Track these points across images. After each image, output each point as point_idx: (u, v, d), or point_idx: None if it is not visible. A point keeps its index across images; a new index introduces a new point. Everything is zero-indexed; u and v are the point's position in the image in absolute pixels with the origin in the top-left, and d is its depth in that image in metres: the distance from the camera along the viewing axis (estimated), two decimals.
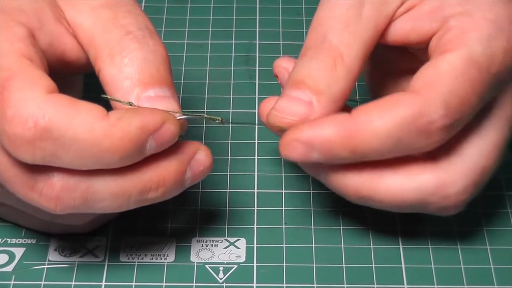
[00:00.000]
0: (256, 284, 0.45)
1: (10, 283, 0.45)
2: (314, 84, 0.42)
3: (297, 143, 0.41)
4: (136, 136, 0.39)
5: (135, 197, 0.40)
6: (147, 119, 0.39)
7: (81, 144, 0.38)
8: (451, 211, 0.43)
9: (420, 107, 0.40)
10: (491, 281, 0.45)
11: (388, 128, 0.40)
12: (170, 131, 0.40)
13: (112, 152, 0.39)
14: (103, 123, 0.38)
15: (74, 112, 0.38)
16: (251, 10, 0.61)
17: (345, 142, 0.41)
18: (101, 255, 0.46)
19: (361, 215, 0.48)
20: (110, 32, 0.42)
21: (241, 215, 0.48)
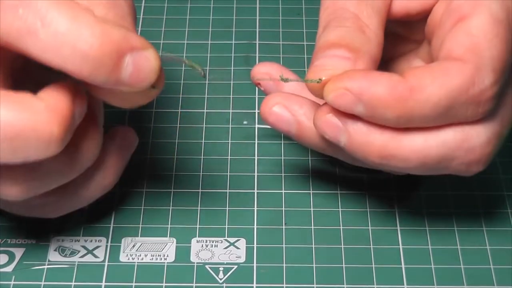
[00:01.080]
0: (256, 284, 0.45)
1: (10, 283, 0.45)
2: (350, 43, 0.41)
3: (347, 92, 0.40)
4: (118, 42, 0.37)
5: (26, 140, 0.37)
6: (131, 35, 0.38)
7: (60, 24, 0.37)
8: (476, 167, 0.42)
9: (471, 75, 0.40)
10: (491, 281, 0.45)
11: (441, 96, 0.40)
12: (148, 61, 0.38)
13: (91, 50, 0.37)
14: (88, 16, 0.37)
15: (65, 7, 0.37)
16: (251, 10, 0.61)
17: (396, 105, 0.40)
18: (101, 255, 0.46)
19: (361, 215, 0.48)
20: None
21: (241, 215, 0.48)
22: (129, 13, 0.42)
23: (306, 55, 0.58)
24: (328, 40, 0.41)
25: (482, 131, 0.41)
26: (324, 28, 0.42)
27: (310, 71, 0.41)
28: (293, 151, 0.51)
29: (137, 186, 0.49)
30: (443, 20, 0.42)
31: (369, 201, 0.49)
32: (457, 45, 0.41)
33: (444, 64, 0.41)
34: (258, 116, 0.53)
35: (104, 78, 0.38)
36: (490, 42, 0.41)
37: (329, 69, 0.41)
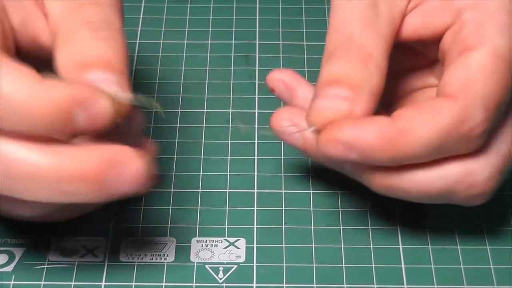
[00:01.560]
0: (256, 284, 0.45)
1: (10, 283, 0.45)
2: (350, 80, 0.41)
3: (338, 143, 0.41)
4: (62, 102, 0.38)
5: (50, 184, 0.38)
6: (78, 90, 0.38)
7: (7, 101, 0.37)
8: (479, 200, 0.43)
9: (461, 114, 0.40)
10: (491, 281, 0.45)
11: (431, 136, 0.40)
12: (103, 108, 0.38)
13: (37, 115, 0.38)
14: (34, 85, 0.38)
15: (5, 71, 0.38)
16: (251, 10, 0.61)
17: (387, 148, 0.40)
18: (101, 255, 0.46)
19: (361, 215, 0.48)
20: (70, 20, 0.41)
21: (241, 215, 0.48)
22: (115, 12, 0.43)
23: (306, 55, 0.58)
24: (330, 74, 0.42)
25: (485, 167, 0.42)
26: (329, 56, 0.42)
27: (312, 112, 0.42)
28: (293, 151, 0.51)
29: None
30: (451, 50, 0.42)
31: (369, 201, 0.48)
32: (453, 80, 0.41)
33: (433, 103, 0.41)
34: (258, 116, 0.53)
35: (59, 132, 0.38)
36: (486, 78, 0.41)
37: (329, 113, 0.41)
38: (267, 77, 0.47)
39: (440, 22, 0.43)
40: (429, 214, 0.48)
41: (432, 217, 0.48)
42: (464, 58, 0.41)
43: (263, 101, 0.54)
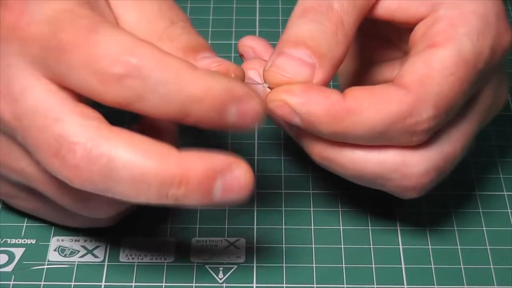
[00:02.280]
0: (256, 284, 0.45)
1: (10, 283, 0.45)
2: (317, 46, 0.41)
3: (285, 105, 0.41)
4: (219, 93, 0.39)
5: (154, 188, 0.39)
6: (234, 84, 0.39)
7: (167, 87, 0.38)
8: (411, 193, 0.43)
9: (410, 106, 0.40)
10: (491, 281, 0.45)
11: (376, 121, 0.40)
12: (254, 108, 0.39)
13: (194, 102, 0.38)
14: (191, 72, 0.38)
15: (163, 57, 0.38)
16: (251, 10, 0.61)
17: (330, 123, 0.41)
18: (101, 255, 0.46)
19: (361, 215, 0.48)
20: (156, 23, 0.43)
21: (241, 215, 0.48)
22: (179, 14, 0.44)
23: None
24: (298, 33, 0.42)
25: (422, 161, 0.42)
26: (301, 14, 0.42)
27: (270, 70, 0.42)
28: (293, 151, 0.51)
29: None
30: (419, 42, 0.43)
31: (369, 201, 0.49)
32: (412, 72, 0.41)
33: (386, 89, 0.41)
34: None
35: (209, 121, 0.39)
36: (443, 78, 0.41)
37: (287, 76, 0.41)
38: (239, 42, 0.48)
39: (415, 10, 0.43)
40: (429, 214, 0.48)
41: (432, 217, 0.48)
42: (428, 53, 0.41)
43: None
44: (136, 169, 0.38)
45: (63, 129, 0.39)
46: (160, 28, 0.43)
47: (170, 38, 0.42)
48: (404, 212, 0.48)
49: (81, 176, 0.39)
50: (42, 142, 0.39)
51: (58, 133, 0.39)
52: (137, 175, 0.39)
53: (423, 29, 0.43)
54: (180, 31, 0.43)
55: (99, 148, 0.39)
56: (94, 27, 0.39)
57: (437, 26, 0.42)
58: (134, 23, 0.43)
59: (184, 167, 0.38)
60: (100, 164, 0.39)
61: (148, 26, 0.43)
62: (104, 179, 0.39)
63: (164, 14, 0.43)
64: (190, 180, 0.38)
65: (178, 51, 0.42)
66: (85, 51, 0.38)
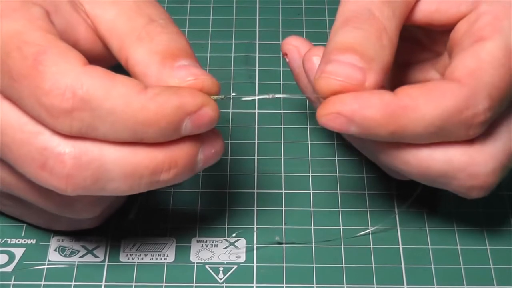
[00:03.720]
0: (256, 284, 0.45)
1: (10, 283, 0.45)
2: (364, 50, 0.41)
3: (339, 116, 0.40)
4: (172, 113, 0.39)
5: (146, 178, 0.40)
6: (185, 100, 0.39)
7: (118, 115, 0.38)
8: (477, 192, 0.43)
9: (466, 99, 0.40)
10: (491, 281, 0.45)
11: (433, 117, 0.40)
12: (208, 115, 0.40)
13: (147, 126, 0.39)
14: (140, 97, 0.38)
15: (112, 84, 0.38)
16: (251, 10, 0.61)
17: (387, 124, 0.40)
18: (101, 255, 0.46)
19: (361, 216, 0.48)
20: (134, 20, 0.42)
21: (241, 215, 0.48)
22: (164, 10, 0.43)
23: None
24: (344, 41, 0.42)
25: (490, 160, 0.42)
26: (343, 24, 0.42)
27: (322, 77, 0.41)
28: (293, 151, 0.51)
29: None
30: (463, 39, 0.43)
31: (369, 201, 0.49)
32: (462, 66, 0.41)
33: (440, 84, 0.41)
34: (258, 116, 0.53)
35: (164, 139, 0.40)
36: (494, 69, 0.41)
37: (340, 80, 0.41)
38: (284, 40, 0.47)
39: (456, 10, 0.43)
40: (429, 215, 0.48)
41: (432, 218, 0.48)
42: (476, 47, 0.41)
43: (263, 101, 0.54)
44: (128, 165, 0.39)
45: (46, 140, 0.39)
46: (138, 25, 0.42)
47: (149, 37, 0.41)
48: (404, 212, 0.48)
49: (74, 184, 0.39)
50: (25, 156, 0.39)
51: (41, 145, 0.39)
52: (129, 171, 0.39)
53: (466, 26, 0.43)
54: (159, 29, 0.42)
55: (88, 153, 0.39)
56: (40, 55, 0.38)
57: (482, 21, 0.42)
58: (112, 22, 0.42)
59: (171, 153, 0.40)
60: (92, 169, 0.39)
61: (126, 23, 0.42)
62: (97, 181, 0.39)
63: (142, 11, 0.42)
64: (178, 163, 0.40)
65: (156, 55, 0.41)
66: (32, 82, 0.38)
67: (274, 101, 0.54)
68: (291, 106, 0.54)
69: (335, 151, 0.51)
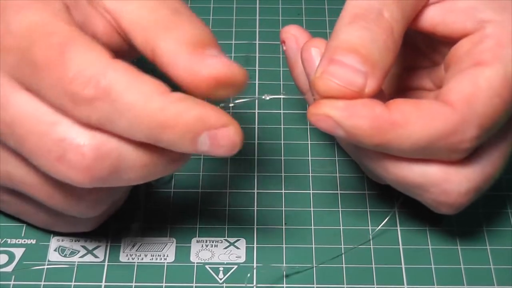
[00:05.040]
0: (256, 284, 0.45)
1: (10, 283, 0.45)
2: (369, 54, 0.41)
3: (328, 118, 0.40)
4: (191, 122, 0.38)
5: (160, 167, 0.40)
6: (208, 113, 0.39)
7: (136, 112, 0.38)
8: (447, 209, 0.43)
9: (455, 125, 0.40)
10: (491, 281, 0.45)
11: (420, 137, 0.40)
12: (229, 137, 0.39)
13: (163, 128, 0.38)
14: (162, 97, 0.38)
15: (135, 80, 0.38)
16: (251, 10, 0.61)
17: (374, 136, 0.40)
18: (101, 255, 0.46)
19: (361, 216, 0.48)
20: (158, 11, 0.41)
21: (241, 215, 0.48)
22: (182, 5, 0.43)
23: None
24: (349, 40, 0.41)
25: (464, 181, 0.42)
26: (350, 20, 0.42)
27: (322, 77, 0.41)
28: (293, 151, 0.51)
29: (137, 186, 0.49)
30: (463, 59, 0.42)
31: (369, 201, 0.49)
32: (458, 90, 0.41)
33: (433, 106, 0.41)
34: (258, 116, 0.53)
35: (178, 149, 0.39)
36: (489, 98, 0.41)
37: (340, 85, 0.40)
38: (283, 28, 0.47)
39: (461, 26, 0.43)
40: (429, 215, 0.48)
41: (432, 218, 0.48)
42: (474, 72, 0.41)
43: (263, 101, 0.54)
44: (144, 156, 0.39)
45: (64, 131, 0.39)
46: (163, 16, 0.41)
47: (176, 27, 0.41)
48: (404, 213, 0.48)
49: (92, 176, 0.39)
50: (41, 148, 0.39)
51: (58, 137, 0.39)
52: (145, 161, 0.39)
53: (469, 46, 0.42)
54: (185, 19, 0.41)
55: (107, 143, 0.39)
56: (66, 45, 0.38)
57: (485, 44, 0.42)
58: (135, 14, 0.42)
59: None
60: (110, 159, 0.39)
61: (151, 15, 0.41)
62: (115, 172, 0.39)
63: (165, 3, 0.42)
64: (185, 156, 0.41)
65: (185, 44, 0.40)
66: (56, 71, 0.38)
67: (274, 101, 0.54)
68: (291, 106, 0.54)
69: (335, 151, 0.51)
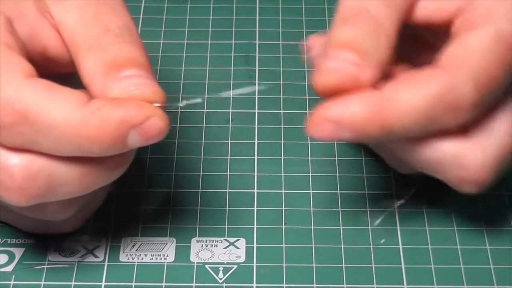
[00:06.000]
0: (256, 284, 0.45)
1: (10, 283, 0.45)
2: (361, 47, 0.41)
3: (326, 122, 0.40)
4: (115, 127, 0.38)
5: (99, 176, 0.40)
6: (129, 112, 0.38)
7: (58, 131, 0.38)
8: (468, 186, 0.42)
9: (449, 83, 0.40)
10: (491, 281, 0.45)
11: (416, 104, 0.40)
12: (156, 127, 0.39)
13: (90, 141, 0.38)
14: (81, 111, 0.38)
15: (52, 97, 0.38)
16: (251, 10, 0.61)
17: (374, 119, 0.40)
18: (101, 255, 0.46)
19: (361, 215, 0.48)
20: (90, 28, 0.41)
21: (241, 215, 0.48)
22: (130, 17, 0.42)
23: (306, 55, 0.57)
24: (341, 38, 0.42)
25: (480, 153, 0.41)
26: (341, 22, 0.42)
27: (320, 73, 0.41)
28: (293, 151, 0.51)
29: (137, 186, 0.49)
30: (457, 32, 0.42)
31: (369, 201, 0.49)
32: (449, 54, 0.41)
33: (423, 72, 0.41)
34: (258, 116, 0.53)
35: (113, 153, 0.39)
36: (482, 56, 0.41)
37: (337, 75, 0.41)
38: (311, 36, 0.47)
39: (453, 7, 0.43)
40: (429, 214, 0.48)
41: (432, 217, 0.48)
42: (466, 36, 0.41)
43: (263, 101, 0.54)
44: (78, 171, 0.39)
45: None
46: (93, 34, 0.41)
47: (99, 47, 0.40)
48: (404, 212, 0.48)
49: (27, 195, 0.39)
50: None
51: None
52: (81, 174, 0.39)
53: (461, 20, 0.43)
54: (111, 39, 0.40)
55: (35, 162, 0.39)
56: None
57: (474, 12, 0.42)
58: (71, 29, 0.41)
59: None
60: (42, 177, 0.39)
61: (83, 31, 0.41)
62: (50, 189, 0.39)
63: (100, 19, 0.41)
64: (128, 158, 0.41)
65: (101, 66, 0.40)
66: None
67: (274, 101, 0.54)
68: (291, 106, 0.54)
69: (335, 151, 0.51)
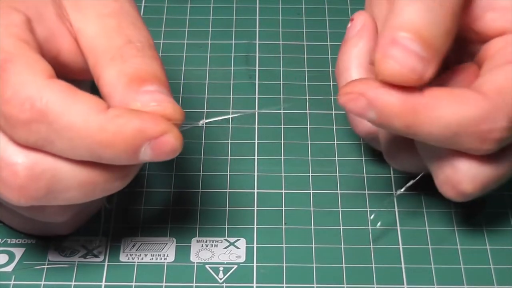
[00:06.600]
0: (256, 284, 0.45)
1: (10, 283, 0.45)
2: (431, 39, 0.40)
3: (361, 97, 0.40)
4: (130, 136, 0.38)
5: (101, 185, 0.40)
6: (146, 124, 0.39)
7: (75, 132, 0.38)
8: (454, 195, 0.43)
9: (486, 112, 0.40)
10: (491, 281, 0.45)
11: (451, 121, 0.40)
12: (169, 144, 0.39)
13: (104, 146, 0.38)
14: (100, 116, 0.38)
15: (73, 100, 0.38)
16: (251, 10, 0.61)
17: (405, 116, 0.40)
18: (101, 255, 0.46)
19: (362, 215, 0.48)
20: (112, 39, 0.41)
21: (241, 215, 0.48)
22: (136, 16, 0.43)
23: (306, 55, 0.58)
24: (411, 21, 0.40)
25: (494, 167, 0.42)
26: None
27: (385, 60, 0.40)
28: (293, 151, 0.51)
29: (137, 186, 0.49)
30: (498, 55, 0.43)
31: (369, 201, 0.49)
32: (491, 81, 0.41)
33: (466, 92, 0.41)
34: (258, 116, 0.53)
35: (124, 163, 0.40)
36: None
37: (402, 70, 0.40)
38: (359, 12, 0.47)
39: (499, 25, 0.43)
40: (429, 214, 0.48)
41: (432, 217, 0.48)
42: (508, 68, 0.42)
43: (263, 101, 0.54)
44: (82, 177, 0.39)
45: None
46: (115, 45, 0.41)
47: (122, 59, 0.41)
48: (404, 212, 0.48)
49: (27, 195, 0.39)
50: None
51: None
52: (83, 181, 0.39)
53: (503, 44, 0.43)
54: (134, 52, 0.41)
55: (41, 163, 0.39)
56: (7, 63, 0.38)
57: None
58: (91, 38, 0.42)
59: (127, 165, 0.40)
60: (45, 179, 0.39)
61: (105, 42, 0.41)
62: (51, 192, 0.39)
63: (122, 31, 0.41)
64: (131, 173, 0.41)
65: (124, 77, 0.40)
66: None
67: (274, 101, 0.54)
68: (291, 106, 0.54)
69: (335, 151, 0.51)
